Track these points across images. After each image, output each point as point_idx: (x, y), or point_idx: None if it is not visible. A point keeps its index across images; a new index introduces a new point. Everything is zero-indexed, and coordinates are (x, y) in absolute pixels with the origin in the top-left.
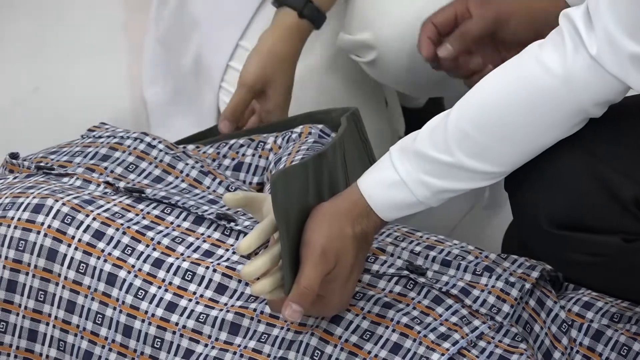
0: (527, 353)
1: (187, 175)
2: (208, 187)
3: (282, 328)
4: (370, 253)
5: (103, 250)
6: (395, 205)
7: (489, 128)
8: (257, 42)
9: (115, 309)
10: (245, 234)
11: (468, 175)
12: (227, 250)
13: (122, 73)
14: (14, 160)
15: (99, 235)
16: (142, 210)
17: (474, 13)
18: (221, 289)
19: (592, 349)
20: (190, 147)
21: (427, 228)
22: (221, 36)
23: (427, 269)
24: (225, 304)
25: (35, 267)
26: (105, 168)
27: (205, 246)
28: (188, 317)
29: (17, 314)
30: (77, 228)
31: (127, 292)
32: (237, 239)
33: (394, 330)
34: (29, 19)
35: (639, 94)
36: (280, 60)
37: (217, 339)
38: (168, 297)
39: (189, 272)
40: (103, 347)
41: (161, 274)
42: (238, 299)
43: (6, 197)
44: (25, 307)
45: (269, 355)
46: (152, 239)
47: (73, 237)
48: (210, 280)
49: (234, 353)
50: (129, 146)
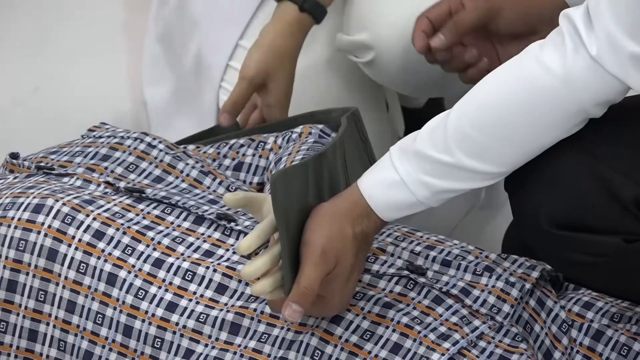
0: (527, 353)
1: (188, 175)
2: (208, 187)
3: (282, 328)
4: (371, 253)
5: (103, 250)
6: (395, 205)
7: (489, 128)
8: (258, 36)
9: (115, 309)
10: (246, 234)
11: (468, 176)
12: (228, 250)
13: (122, 73)
14: (14, 160)
15: (99, 235)
16: (142, 210)
17: (467, 4)
18: (221, 289)
19: (592, 349)
20: (191, 147)
21: (427, 228)
22: (221, 36)
23: (427, 269)
24: (226, 304)
25: (36, 267)
26: (106, 168)
27: (206, 246)
28: (188, 317)
29: (18, 314)
30: (78, 228)
31: (127, 292)
32: (237, 239)
33: (394, 330)
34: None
35: (639, 94)
36: (281, 54)
37: (217, 339)
38: (168, 297)
39: (189, 272)
40: (103, 347)
41: (161, 274)
42: (238, 299)
43: (6, 197)
44: (26, 307)
45: (269, 355)
46: (153, 239)
47: (73, 237)
48: (211, 280)
49: (234, 353)
50: (129, 146)
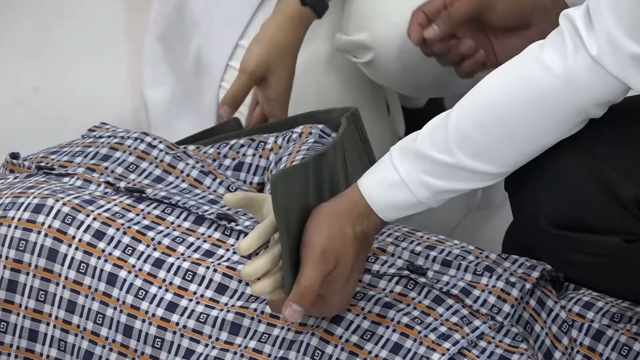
0: (527, 353)
1: (188, 175)
2: (208, 187)
3: (282, 328)
4: (371, 253)
5: (103, 250)
6: (395, 205)
7: (489, 128)
8: (259, 30)
9: (115, 309)
10: (246, 234)
11: (468, 176)
12: (228, 250)
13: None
14: (15, 160)
15: (99, 235)
16: (142, 210)
17: None
18: (222, 289)
19: (592, 349)
20: (191, 148)
21: (427, 228)
22: (221, 36)
23: (427, 269)
24: (226, 304)
25: (36, 267)
26: (106, 168)
27: (206, 246)
28: (188, 317)
29: (18, 314)
30: (78, 228)
31: (127, 292)
32: (237, 239)
33: (394, 330)
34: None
35: (639, 94)
36: (282, 48)
37: (217, 339)
38: (168, 297)
39: (189, 272)
40: (103, 347)
41: (162, 274)
42: (238, 299)
43: (7, 197)
44: (26, 307)
45: (269, 355)
46: (153, 239)
47: (73, 237)
48: (211, 280)
49: (235, 353)
50: (129, 146)
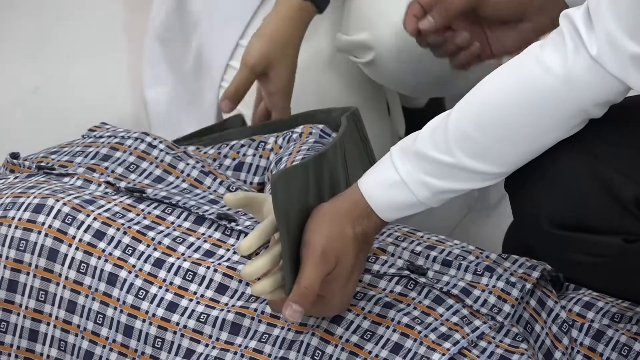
0: (527, 353)
1: (188, 175)
2: (209, 187)
3: (282, 328)
4: (371, 253)
5: (104, 250)
6: (395, 205)
7: (489, 128)
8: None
9: (116, 309)
10: (246, 234)
11: (469, 176)
12: (228, 250)
13: (122, 73)
14: (15, 160)
15: (99, 235)
16: (142, 210)
17: None
18: (222, 289)
19: (592, 349)
20: (191, 148)
21: (427, 228)
22: (221, 35)
23: (427, 269)
24: (226, 304)
25: (36, 267)
26: (106, 168)
27: (206, 246)
28: (189, 317)
29: (18, 314)
30: (78, 228)
31: (127, 292)
32: (237, 239)
33: (394, 330)
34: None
35: (639, 95)
36: (284, 42)
37: (217, 339)
38: (169, 297)
39: (189, 272)
40: (104, 347)
41: (162, 274)
42: (239, 299)
43: (7, 197)
44: (26, 307)
45: (269, 355)
46: (153, 239)
47: (74, 237)
48: (211, 280)
49: (235, 353)
50: (129, 146)
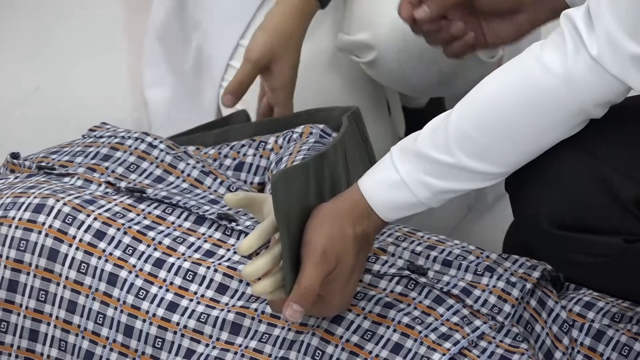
0: (528, 353)
1: (188, 175)
2: (209, 187)
3: (283, 328)
4: (371, 253)
5: (104, 250)
6: (396, 205)
7: (489, 128)
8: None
9: (116, 309)
10: (247, 234)
11: (469, 176)
12: (228, 250)
13: (122, 73)
14: (15, 160)
15: (100, 235)
16: (143, 210)
17: None
18: (222, 289)
19: (593, 349)
20: (191, 148)
21: (428, 228)
22: (222, 35)
23: (428, 269)
24: (227, 304)
25: (37, 267)
26: (107, 168)
27: (207, 246)
28: (189, 317)
29: (18, 314)
30: (78, 228)
31: (128, 292)
32: (238, 239)
33: (395, 330)
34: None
35: (639, 95)
36: (286, 37)
37: (218, 339)
38: (169, 297)
39: (190, 272)
40: (104, 347)
41: (162, 274)
42: (239, 299)
43: (7, 197)
44: (27, 307)
45: (270, 355)
46: (153, 239)
47: (74, 237)
48: (212, 280)
49: (235, 353)
50: (130, 146)
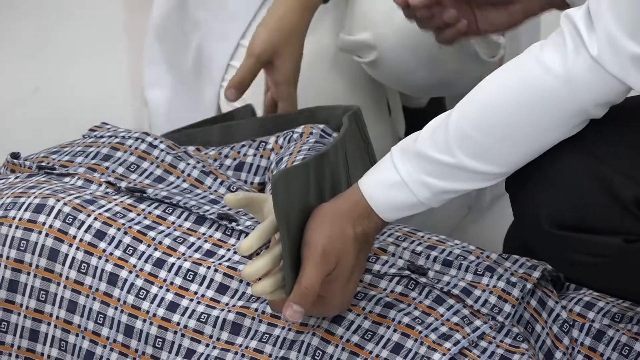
0: (528, 353)
1: (189, 175)
2: (209, 187)
3: (283, 328)
4: (372, 253)
5: (104, 250)
6: (396, 206)
7: (489, 128)
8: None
9: (116, 308)
10: (247, 234)
11: (469, 176)
12: (229, 250)
13: (122, 73)
14: (16, 160)
15: (100, 235)
16: (143, 210)
17: None
18: (222, 289)
19: (593, 348)
20: (191, 148)
21: (428, 228)
22: (222, 35)
23: (428, 269)
24: (227, 304)
25: (37, 267)
26: (107, 168)
27: (207, 246)
28: (189, 317)
29: (19, 314)
30: (79, 228)
31: (128, 292)
32: (238, 239)
33: (395, 330)
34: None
35: (639, 95)
36: (289, 32)
37: (218, 339)
38: (169, 297)
39: (190, 272)
40: (104, 347)
41: (162, 273)
42: (239, 299)
43: (7, 197)
44: (27, 307)
45: (270, 355)
46: (154, 239)
47: (74, 237)
48: (212, 280)
49: (236, 353)
50: (130, 146)
